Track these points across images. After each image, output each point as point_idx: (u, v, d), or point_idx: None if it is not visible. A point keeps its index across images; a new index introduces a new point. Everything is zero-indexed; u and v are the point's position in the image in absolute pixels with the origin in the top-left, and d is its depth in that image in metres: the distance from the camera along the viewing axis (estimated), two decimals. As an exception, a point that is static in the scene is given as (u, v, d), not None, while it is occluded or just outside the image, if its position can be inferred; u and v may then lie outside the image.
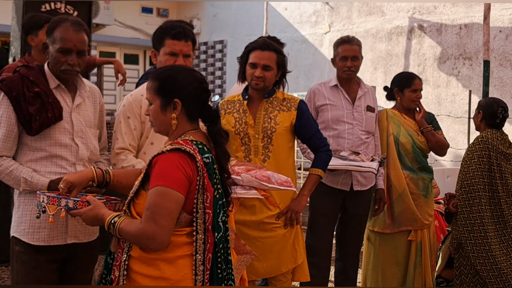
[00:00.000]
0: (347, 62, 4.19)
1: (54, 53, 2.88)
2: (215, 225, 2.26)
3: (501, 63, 7.52)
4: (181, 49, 3.15)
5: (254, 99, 3.56)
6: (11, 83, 2.85)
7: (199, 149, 2.24)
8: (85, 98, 3.05)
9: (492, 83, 6.93)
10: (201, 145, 2.27)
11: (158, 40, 3.19)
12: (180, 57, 3.15)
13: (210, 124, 2.37)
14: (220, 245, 2.27)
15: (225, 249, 2.32)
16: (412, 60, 8.50)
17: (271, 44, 3.49)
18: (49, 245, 2.88)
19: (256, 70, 3.44)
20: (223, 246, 2.29)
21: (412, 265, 4.35)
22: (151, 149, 3.13)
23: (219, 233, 2.27)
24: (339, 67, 4.24)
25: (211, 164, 2.26)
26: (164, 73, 2.36)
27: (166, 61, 3.12)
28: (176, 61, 3.12)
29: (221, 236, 2.28)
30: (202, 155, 2.24)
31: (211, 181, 2.25)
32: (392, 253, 4.38)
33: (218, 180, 2.30)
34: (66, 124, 2.93)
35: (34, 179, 2.83)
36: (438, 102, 8.14)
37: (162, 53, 3.16)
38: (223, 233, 2.30)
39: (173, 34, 3.14)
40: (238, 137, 3.50)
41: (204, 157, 2.24)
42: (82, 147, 2.97)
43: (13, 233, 2.93)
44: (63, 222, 2.89)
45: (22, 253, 2.89)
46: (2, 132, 2.83)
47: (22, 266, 2.89)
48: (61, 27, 2.88)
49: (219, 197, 2.29)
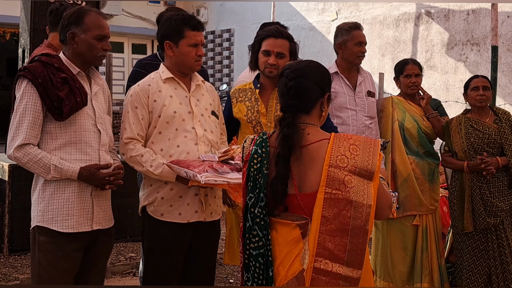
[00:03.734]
0: (362, 47, 4.21)
1: (89, 40, 2.94)
2: (244, 214, 2.31)
3: (509, 48, 7.48)
4: (201, 39, 3.23)
5: (266, 87, 3.58)
6: (34, 70, 2.87)
7: (256, 142, 2.32)
8: (100, 86, 3.12)
9: (500, 68, 6.89)
10: (260, 138, 2.33)
11: (177, 32, 3.19)
12: (200, 47, 3.23)
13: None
14: (246, 235, 2.28)
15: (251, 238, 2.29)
16: (420, 47, 8.47)
17: (284, 31, 3.51)
18: (78, 232, 2.92)
19: (270, 58, 3.45)
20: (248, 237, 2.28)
21: (420, 250, 4.38)
22: (159, 139, 3.18)
23: (247, 222, 2.28)
24: (354, 52, 4.21)
25: (252, 156, 2.31)
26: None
27: (189, 53, 3.19)
28: (197, 52, 3.20)
29: (249, 227, 2.28)
30: (254, 146, 2.31)
31: (247, 171, 2.32)
32: (400, 238, 4.41)
33: (256, 171, 2.29)
34: (89, 110, 2.99)
35: (64, 166, 2.86)
36: (446, 88, 8.12)
37: (184, 45, 3.19)
38: (251, 225, 2.27)
39: (193, 26, 3.19)
40: (250, 125, 3.52)
41: (253, 149, 2.32)
42: (104, 133, 3.03)
43: (37, 223, 2.93)
44: (90, 208, 2.96)
45: (48, 243, 2.90)
46: (28, 119, 2.84)
47: (46, 256, 2.90)
48: (90, 15, 2.96)
49: (252, 190, 2.29)
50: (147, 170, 3.11)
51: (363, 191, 2.13)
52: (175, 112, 3.18)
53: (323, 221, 2.13)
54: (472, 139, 4.22)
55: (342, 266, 2.12)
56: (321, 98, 2.31)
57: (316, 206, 2.15)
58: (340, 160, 2.15)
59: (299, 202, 2.20)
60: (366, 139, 2.23)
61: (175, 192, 3.17)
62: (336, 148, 2.18)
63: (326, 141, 2.22)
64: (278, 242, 2.22)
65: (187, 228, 3.21)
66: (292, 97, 2.27)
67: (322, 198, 2.13)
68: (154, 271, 3.25)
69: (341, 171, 2.14)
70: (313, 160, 2.19)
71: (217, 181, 2.81)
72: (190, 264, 3.32)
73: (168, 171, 3.07)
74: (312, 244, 2.14)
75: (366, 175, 2.15)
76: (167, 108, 3.17)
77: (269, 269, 2.19)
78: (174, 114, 3.18)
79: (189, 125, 3.20)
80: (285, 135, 2.19)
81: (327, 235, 2.12)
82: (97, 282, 3.13)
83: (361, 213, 2.12)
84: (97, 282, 3.12)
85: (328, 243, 2.12)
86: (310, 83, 2.28)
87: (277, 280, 2.18)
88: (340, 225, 2.12)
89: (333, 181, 2.13)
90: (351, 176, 2.14)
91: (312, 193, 2.18)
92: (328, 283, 2.11)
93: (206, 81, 3.51)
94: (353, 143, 2.19)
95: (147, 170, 3.11)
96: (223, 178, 2.83)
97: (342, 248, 2.12)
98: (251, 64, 3.61)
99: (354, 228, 2.12)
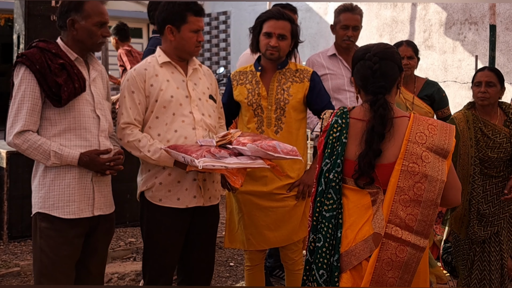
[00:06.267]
0: (347, 31, 4.18)
1: (90, 27, 2.95)
2: (318, 179, 2.47)
3: (507, 27, 7.45)
4: (202, 25, 3.25)
5: (267, 70, 3.56)
6: (32, 57, 2.86)
7: (337, 114, 2.48)
8: (98, 72, 3.11)
9: (498, 47, 6.87)
10: (341, 111, 2.49)
11: (179, 16, 3.18)
12: (200, 33, 3.24)
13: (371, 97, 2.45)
14: (318, 198, 2.44)
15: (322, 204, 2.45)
16: (418, 26, 8.43)
17: (285, 13, 3.49)
18: (79, 218, 2.93)
19: (271, 40, 3.43)
20: (319, 200, 2.45)
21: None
22: (156, 123, 3.17)
23: (320, 187, 2.45)
24: (339, 35, 4.22)
25: (331, 126, 2.46)
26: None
27: (190, 38, 3.20)
28: (197, 38, 3.21)
29: (321, 191, 2.44)
30: (334, 118, 2.48)
31: (325, 139, 2.46)
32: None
33: (335, 139, 2.44)
34: (87, 96, 2.99)
35: (64, 152, 2.87)
36: (445, 68, 8.09)
37: (186, 30, 3.18)
38: (324, 189, 2.43)
39: (195, 11, 3.19)
40: (251, 108, 3.51)
41: (333, 120, 2.47)
42: (103, 119, 3.03)
43: (39, 209, 2.94)
44: (90, 194, 2.97)
45: (49, 229, 2.91)
46: (27, 106, 2.85)
47: (48, 242, 2.91)
48: (90, 2, 2.96)
49: (328, 156, 2.44)
50: (145, 155, 3.11)
51: (438, 167, 2.31)
52: (172, 97, 3.17)
53: (398, 191, 2.31)
54: (479, 146, 3.82)
55: (411, 234, 2.30)
56: (398, 77, 2.50)
57: (393, 176, 2.32)
58: (419, 137, 2.34)
59: (375, 171, 2.36)
60: (442, 122, 2.43)
61: (173, 177, 3.18)
62: (416, 126, 2.37)
63: (406, 118, 2.41)
64: (348, 207, 2.40)
65: (186, 213, 3.23)
66: (379, 79, 2.42)
67: (399, 170, 2.31)
68: (153, 257, 3.26)
69: (419, 147, 2.33)
70: (394, 134, 2.37)
71: (215, 166, 2.81)
72: (190, 249, 3.33)
73: (165, 156, 3.07)
74: (385, 211, 2.31)
75: (442, 153, 2.34)
76: (164, 93, 3.16)
77: (338, 231, 2.38)
78: (171, 98, 3.16)
79: (186, 110, 3.19)
80: (381, 114, 2.36)
81: (400, 204, 2.30)
82: (99, 268, 3.15)
83: (434, 187, 2.30)
84: (98, 268, 3.14)
85: (400, 212, 2.30)
86: (392, 64, 2.46)
87: (345, 242, 2.36)
88: (413, 196, 2.30)
89: (411, 155, 2.32)
90: (428, 152, 2.32)
91: (388, 164, 2.35)
92: (397, 248, 2.29)
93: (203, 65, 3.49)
94: (431, 123, 2.39)
95: (144, 155, 3.11)
96: (221, 163, 2.83)
97: (413, 218, 2.30)
98: (252, 46, 3.58)
99: (427, 200, 2.30)
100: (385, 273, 2.28)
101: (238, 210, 3.59)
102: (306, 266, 2.47)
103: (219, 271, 4.99)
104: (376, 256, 2.29)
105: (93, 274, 3.09)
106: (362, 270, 2.32)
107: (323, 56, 4.31)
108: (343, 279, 2.34)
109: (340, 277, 2.34)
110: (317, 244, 2.42)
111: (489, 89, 3.79)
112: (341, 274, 2.34)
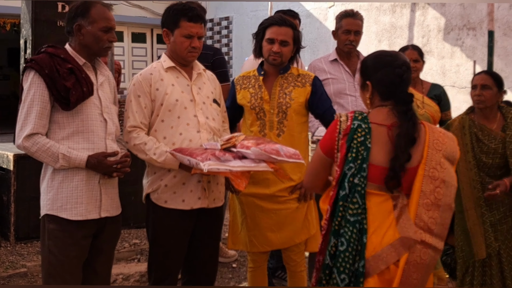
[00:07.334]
0: (349, 36, 4.26)
1: (96, 32, 3.00)
2: (340, 182, 2.44)
3: (505, 32, 7.51)
4: (197, 31, 3.25)
5: (270, 74, 3.61)
6: (41, 62, 2.92)
7: (354, 117, 2.48)
8: (105, 77, 3.17)
9: (496, 53, 6.92)
10: (360, 115, 2.49)
11: (172, 20, 3.25)
12: (195, 39, 3.25)
13: (401, 104, 2.50)
14: (340, 202, 2.42)
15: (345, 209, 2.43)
16: (416, 32, 8.49)
17: (288, 20, 3.54)
18: (86, 220, 2.98)
19: (273, 46, 3.48)
20: (342, 204, 2.42)
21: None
22: (161, 126, 3.23)
23: (343, 191, 2.42)
24: (341, 40, 4.30)
25: (354, 130, 2.45)
26: (365, 58, 2.63)
27: (181, 43, 3.24)
28: (191, 43, 3.23)
29: (344, 195, 2.42)
30: (353, 121, 2.47)
31: (347, 143, 2.44)
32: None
33: (359, 144, 2.43)
34: (95, 100, 3.04)
35: (72, 155, 2.91)
36: (443, 73, 8.16)
37: (178, 34, 3.24)
38: (348, 193, 2.42)
39: (189, 17, 3.22)
40: (254, 112, 3.56)
41: (353, 123, 2.46)
42: (110, 122, 3.09)
43: (47, 211, 2.99)
44: (98, 196, 3.02)
45: (57, 230, 2.96)
46: (36, 109, 2.89)
47: (56, 243, 2.96)
48: (96, 8, 3.01)
49: (353, 160, 2.42)
50: (151, 158, 3.16)
51: (451, 173, 2.42)
52: (177, 100, 3.23)
53: (422, 195, 2.37)
54: (475, 152, 3.77)
55: (432, 237, 2.36)
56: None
57: (417, 181, 2.38)
58: (436, 144, 2.43)
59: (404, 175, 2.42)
60: (446, 131, 2.54)
61: (178, 179, 3.23)
62: (431, 133, 2.46)
63: (422, 125, 2.49)
64: (372, 212, 2.40)
65: (191, 215, 3.27)
66: (406, 87, 2.51)
67: (423, 175, 2.38)
68: (158, 258, 3.32)
69: (437, 153, 2.41)
70: (417, 140, 2.44)
71: (220, 169, 2.86)
72: (194, 250, 3.38)
73: (171, 159, 3.12)
74: (412, 215, 2.37)
75: (452, 160, 2.44)
76: (169, 97, 3.22)
77: (363, 236, 2.37)
78: (176, 102, 3.22)
79: (191, 113, 3.25)
80: (415, 122, 2.43)
81: (423, 208, 2.37)
82: (105, 269, 3.20)
83: (450, 192, 2.40)
84: (105, 269, 3.19)
85: (424, 216, 2.36)
86: (410, 73, 2.55)
87: (370, 247, 2.36)
88: (434, 200, 2.37)
89: (431, 161, 2.39)
90: (444, 159, 2.41)
91: (411, 168, 2.40)
92: (421, 251, 2.34)
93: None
94: (441, 131, 2.48)
95: (150, 158, 3.16)
96: (225, 166, 2.87)
97: (434, 221, 2.37)
98: (255, 52, 3.63)
99: (444, 204, 2.38)
100: (411, 275, 2.33)
101: (241, 212, 3.62)
102: (326, 270, 2.42)
103: (222, 272, 5.00)
104: (405, 259, 2.32)
105: (99, 274, 3.14)
106: (389, 274, 2.34)
107: (325, 61, 4.38)
108: (369, 284, 2.34)
109: (365, 282, 2.34)
110: (339, 248, 2.39)
111: (484, 92, 3.73)
112: (367, 279, 2.34)
